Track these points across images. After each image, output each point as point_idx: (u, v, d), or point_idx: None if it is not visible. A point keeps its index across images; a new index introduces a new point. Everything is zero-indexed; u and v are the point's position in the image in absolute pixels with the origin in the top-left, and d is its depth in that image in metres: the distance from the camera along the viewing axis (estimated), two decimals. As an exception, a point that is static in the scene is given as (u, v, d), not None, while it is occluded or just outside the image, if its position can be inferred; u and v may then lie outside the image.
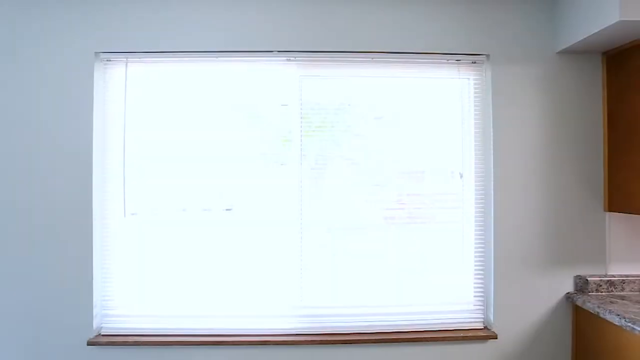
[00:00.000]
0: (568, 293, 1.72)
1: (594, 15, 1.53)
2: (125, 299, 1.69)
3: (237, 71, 1.72)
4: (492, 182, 1.70)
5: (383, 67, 1.73)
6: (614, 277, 1.71)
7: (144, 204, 1.71)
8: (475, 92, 1.75)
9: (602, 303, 1.58)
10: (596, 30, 1.52)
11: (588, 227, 1.73)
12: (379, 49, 1.68)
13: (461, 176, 1.73)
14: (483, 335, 1.67)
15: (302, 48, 1.66)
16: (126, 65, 1.69)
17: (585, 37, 1.58)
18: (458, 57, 1.73)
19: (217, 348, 1.64)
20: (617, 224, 1.74)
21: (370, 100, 1.78)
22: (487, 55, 1.73)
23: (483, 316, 1.73)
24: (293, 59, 1.68)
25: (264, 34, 1.67)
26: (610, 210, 1.71)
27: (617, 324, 1.47)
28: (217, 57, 1.68)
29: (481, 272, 1.73)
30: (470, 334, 1.67)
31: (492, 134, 1.70)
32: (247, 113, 1.75)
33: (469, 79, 1.75)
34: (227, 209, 1.72)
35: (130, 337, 1.63)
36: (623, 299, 1.63)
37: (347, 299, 1.73)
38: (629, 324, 1.41)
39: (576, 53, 1.75)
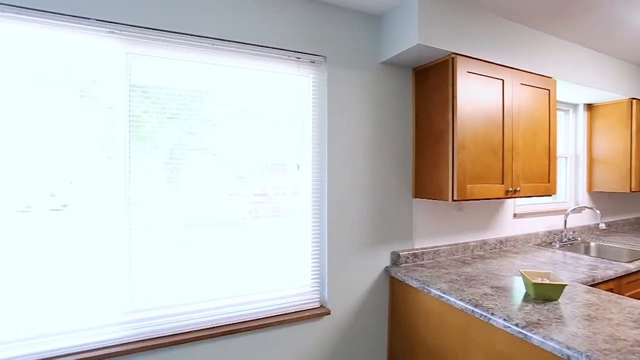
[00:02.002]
0: (386, 267, 2.06)
1: (401, 37, 1.85)
2: None
3: (39, 39, 1.39)
4: (326, 174, 1.87)
5: (234, 57, 1.69)
6: (417, 250, 2.13)
7: None
8: (313, 90, 1.88)
9: (407, 272, 1.95)
10: (403, 49, 1.85)
11: (401, 211, 2.11)
12: (219, 36, 1.62)
13: (298, 168, 1.85)
14: (319, 312, 1.83)
15: (128, 21, 1.46)
16: None
17: (397, 53, 1.90)
18: (298, 55, 1.83)
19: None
20: (419, 207, 2.17)
21: (229, 90, 1.71)
22: (325, 57, 1.89)
23: (319, 296, 1.90)
24: (117, 32, 1.46)
25: (78, -5, 1.39)
26: (416, 197, 2.13)
27: (415, 286, 1.83)
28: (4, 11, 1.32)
29: (317, 255, 1.90)
30: (308, 313, 1.81)
31: (326, 130, 1.88)
32: (68, 93, 1.43)
33: (308, 77, 1.87)
34: (51, 209, 1.39)
35: None
36: (423, 267, 2.05)
37: (190, 296, 1.64)
38: (422, 285, 1.78)
39: (394, 65, 2.08)
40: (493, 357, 1.44)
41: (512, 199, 2.64)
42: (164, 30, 1.53)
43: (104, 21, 1.42)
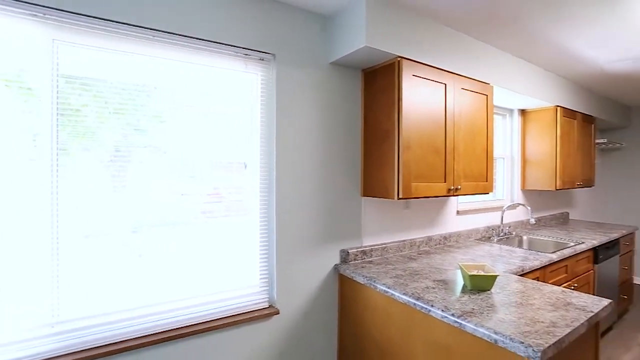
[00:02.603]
0: (335, 264, 2.09)
1: (350, 39, 1.89)
2: None
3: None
4: (274, 173, 1.86)
5: (180, 51, 1.61)
6: (366, 247, 2.19)
7: None
8: (262, 88, 1.86)
9: (356, 269, 1.99)
10: (352, 51, 1.88)
11: (350, 209, 2.15)
12: (161, 27, 1.55)
13: (245, 166, 1.82)
14: (268, 313, 1.81)
15: (53, 4, 1.34)
16: None
17: (346, 54, 1.93)
18: (247, 51, 1.80)
19: None
20: (368, 205, 2.23)
21: (178, 86, 1.63)
22: (274, 55, 1.87)
23: (268, 296, 1.88)
24: (41, 15, 1.33)
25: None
26: (364, 196, 2.18)
27: (362, 282, 1.88)
28: None
29: (265, 255, 1.88)
30: (256, 314, 1.79)
31: (275, 128, 1.86)
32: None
33: (257, 74, 1.85)
34: None
35: None
36: (371, 264, 2.10)
37: (132, 302, 1.54)
38: (369, 281, 1.83)
39: (344, 66, 2.12)
40: (433, 346, 1.52)
41: (455, 197, 2.80)
42: (95, 17, 1.42)
43: (24, 2, 1.30)
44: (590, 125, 3.87)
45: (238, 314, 1.78)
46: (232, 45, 1.74)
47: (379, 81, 2.07)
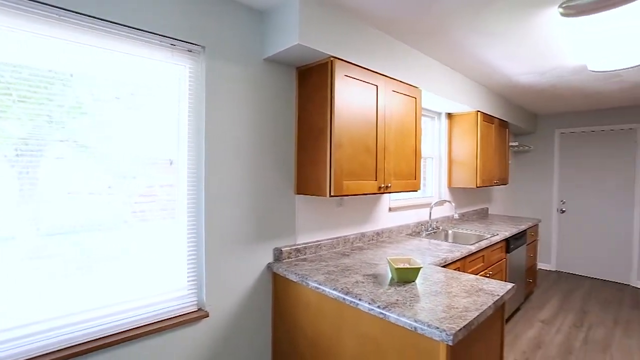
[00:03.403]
0: (269, 263, 2.07)
1: (283, 36, 1.88)
2: None
3: None
4: (204, 170, 1.78)
5: (100, 36, 1.46)
6: (300, 245, 2.20)
7: None
8: (190, 81, 1.77)
9: (289, 267, 1.99)
10: (285, 48, 1.88)
11: (283, 207, 2.14)
12: (71, 7, 1.39)
13: (171, 163, 1.72)
14: (196, 316, 1.73)
15: None
16: None
17: (279, 51, 1.92)
18: (173, 41, 1.69)
19: None
20: (301, 203, 2.24)
21: (99, 74, 1.48)
22: (203, 47, 1.79)
23: (197, 298, 1.80)
24: None
25: None
26: (298, 193, 2.18)
27: (295, 280, 1.88)
28: None
29: (194, 256, 1.79)
30: (183, 318, 1.70)
31: (204, 124, 1.79)
32: None
33: (185, 66, 1.75)
34: None
35: None
36: (305, 261, 2.12)
37: (43, 314, 1.37)
38: (302, 279, 1.84)
39: (278, 63, 2.10)
40: (362, 338, 1.57)
41: (388, 194, 2.94)
42: (-14, -10, 1.24)
43: None
44: (505, 130, 4.32)
45: (164, 320, 1.68)
46: (157, 34, 1.63)
47: (312, 80, 2.08)
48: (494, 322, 1.67)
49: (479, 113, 3.57)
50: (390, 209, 2.95)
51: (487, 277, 2.78)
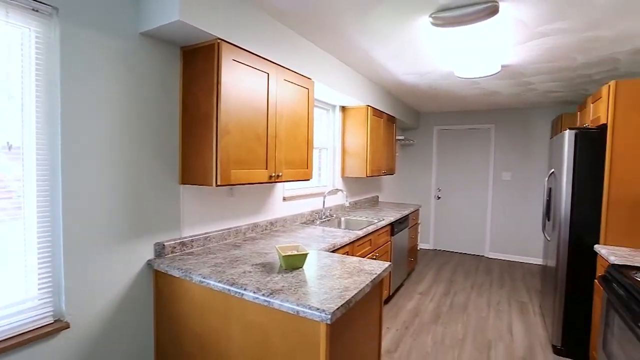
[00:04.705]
0: (149, 260, 1.88)
1: (163, 9, 1.70)
2: None
3: None
4: (60, 159, 1.51)
5: None
6: (186, 238, 2.05)
7: None
8: (38, 49, 1.46)
9: (172, 262, 1.84)
10: (164, 23, 1.70)
11: (166, 199, 1.96)
12: None
13: (10, 148, 1.41)
14: (51, 330, 1.47)
15: None
16: None
17: (158, 26, 1.72)
18: (8, -4, 1.37)
19: None
20: (187, 194, 2.09)
21: None
22: (56, 9, 1.49)
23: (53, 308, 1.53)
24: None
25: None
26: (183, 183, 2.03)
27: (178, 276, 1.75)
28: None
29: (48, 260, 1.51)
30: (33, 334, 1.43)
31: (60, 104, 1.50)
32: None
33: (29, 28, 1.44)
34: None
35: None
36: (191, 255, 1.99)
37: None
38: (185, 274, 1.72)
39: (158, 39, 1.89)
40: (249, 328, 1.55)
41: (282, 184, 2.96)
42: None
43: None
44: (393, 124, 4.75)
45: (7, 339, 1.38)
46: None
47: (199, 62, 1.94)
48: (373, 299, 1.82)
49: (369, 107, 3.84)
50: (284, 199, 2.98)
51: (374, 258, 3.05)
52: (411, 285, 4.35)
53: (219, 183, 1.85)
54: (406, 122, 5.36)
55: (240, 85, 1.98)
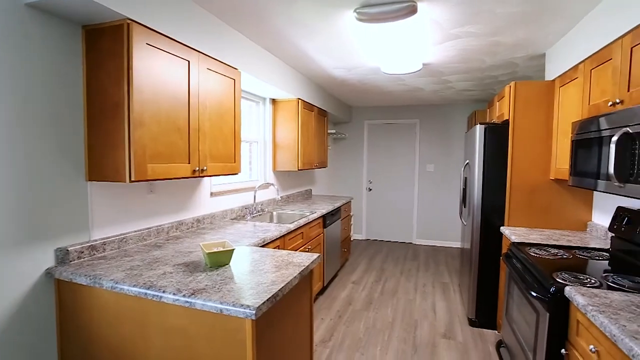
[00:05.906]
0: (48, 269, 1.65)
1: (54, -23, 1.48)
2: None
3: None
4: None
5: None
6: (96, 241, 1.84)
7: None
8: None
9: (78, 269, 1.64)
10: (55, -6, 1.48)
11: (69, 198, 1.73)
12: None
13: None
14: None
15: None
16: None
17: (47, -3, 1.50)
18: None
19: None
20: (97, 192, 1.88)
21: None
22: None
23: None
24: None
25: None
26: (90, 180, 1.81)
27: (85, 283, 1.57)
28: None
29: None
30: None
31: None
32: None
33: None
34: None
35: None
36: (103, 259, 1.79)
37: None
38: (93, 281, 1.55)
39: (52, 14, 1.64)
40: (169, 333, 1.44)
41: (209, 179, 2.82)
42: None
43: None
44: (324, 118, 4.82)
45: None
46: None
47: (105, 44, 1.73)
48: (302, 291, 1.82)
49: (299, 100, 3.84)
50: (212, 194, 2.85)
51: (307, 251, 3.07)
52: (345, 275, 4.49)
53: (133, 179, 1.69)
54: (338, 115, 5.48)
55: (156, 72, 1.82)
